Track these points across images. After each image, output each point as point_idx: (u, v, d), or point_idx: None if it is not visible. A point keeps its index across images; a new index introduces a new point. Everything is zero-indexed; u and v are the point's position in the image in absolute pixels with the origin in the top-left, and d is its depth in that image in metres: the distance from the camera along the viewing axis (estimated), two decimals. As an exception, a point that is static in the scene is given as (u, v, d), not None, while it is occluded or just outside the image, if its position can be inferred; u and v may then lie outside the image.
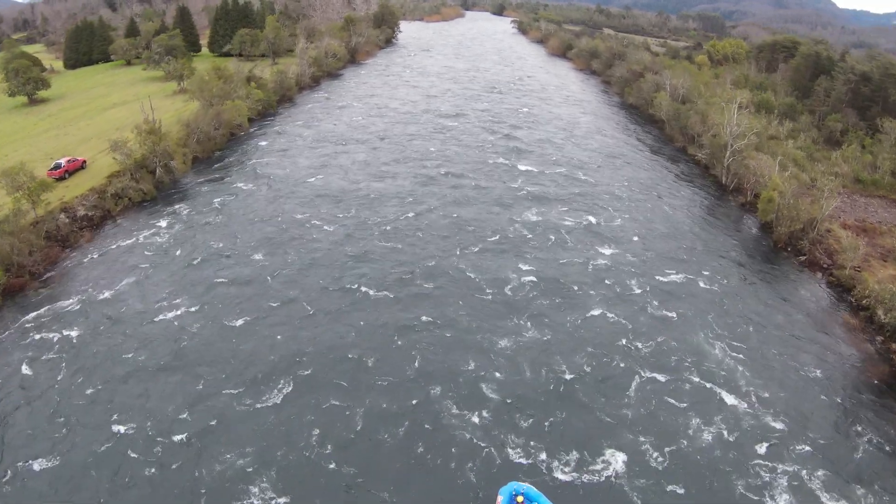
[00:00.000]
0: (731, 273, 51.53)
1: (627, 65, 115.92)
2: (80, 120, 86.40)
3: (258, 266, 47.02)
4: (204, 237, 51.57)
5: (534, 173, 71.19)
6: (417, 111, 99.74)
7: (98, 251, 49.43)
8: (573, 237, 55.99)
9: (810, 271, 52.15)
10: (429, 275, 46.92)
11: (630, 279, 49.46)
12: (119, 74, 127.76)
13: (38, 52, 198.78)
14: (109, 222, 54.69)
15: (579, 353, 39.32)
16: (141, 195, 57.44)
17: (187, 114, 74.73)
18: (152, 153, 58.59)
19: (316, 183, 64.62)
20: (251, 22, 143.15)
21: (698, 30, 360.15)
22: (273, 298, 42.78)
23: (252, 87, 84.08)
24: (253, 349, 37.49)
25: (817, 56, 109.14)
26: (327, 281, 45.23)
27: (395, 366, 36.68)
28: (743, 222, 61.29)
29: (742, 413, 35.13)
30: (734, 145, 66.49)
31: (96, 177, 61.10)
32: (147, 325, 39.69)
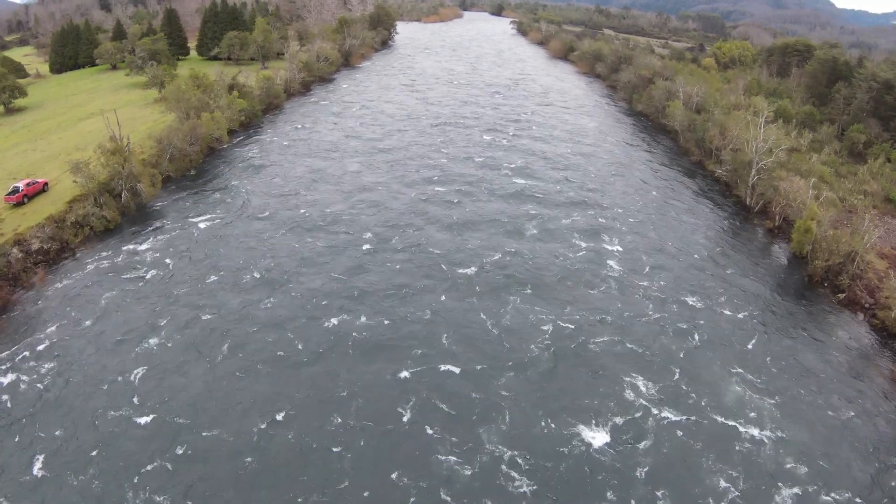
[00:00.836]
0: (758, 307, 46.06)
1: (635, 69, 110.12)
2: (52, 132, 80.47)
3: (230, 312, 41.16)
4: (170, 276, 45.59)
5: (540, 189, 65.63)
6: (414, 119, 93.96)
7: (53, 292, 43.46)
8: (582, 258, 50.97)
9: (850, 311, 46.47)
10: (424, 310, 41.26)
11: (645, 306, 44.67)
12: (102, 80, 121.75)
13: (29, 54, 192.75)
14: (68, 255, 48.71)
15: (588, 395, 34.95)
16: (104, 223, 51.51)
17: (161, 128, 68.69)
18: (117, 175, 52.56)
19: (299, 206, 58.74)
20: (241, 24, 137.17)
21: (698, 30, 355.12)
22: (249, 353, 36.98)
23: (234, 97, 78.05)
24: (222, 413, 31.71)
25: (834, 61, 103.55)
26: (309, 336, 39.40)
27: (379, 417, 31.02)
28: (771, 250, 55.52)
29: (765, 459, 31.56)
30: (760, 162, 60.71)
31: (58, 201, 55.13)
32: (100, 389, 33.84)
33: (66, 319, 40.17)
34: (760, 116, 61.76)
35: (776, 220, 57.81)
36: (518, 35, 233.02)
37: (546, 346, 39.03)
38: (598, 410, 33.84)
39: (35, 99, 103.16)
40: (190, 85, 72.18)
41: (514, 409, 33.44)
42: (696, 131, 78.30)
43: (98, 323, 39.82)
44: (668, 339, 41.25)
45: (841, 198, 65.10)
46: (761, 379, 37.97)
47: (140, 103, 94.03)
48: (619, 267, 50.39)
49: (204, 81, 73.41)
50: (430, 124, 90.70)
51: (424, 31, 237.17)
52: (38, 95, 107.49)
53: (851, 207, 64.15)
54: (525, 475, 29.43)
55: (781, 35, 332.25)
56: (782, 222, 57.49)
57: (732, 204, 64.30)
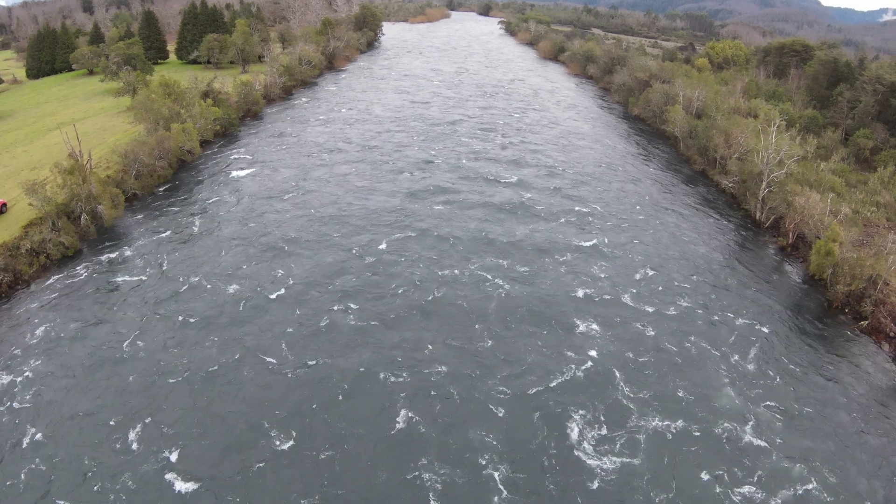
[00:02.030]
0: (773, 335, 42.44)
1: (630, 71, 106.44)
2: (18, 145, 75.34)
3: (199, 357, 36.65)
4: (132, 314, 40.85)
5: (533, 201, 61.80)
6: (399, 123, 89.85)
7: (3, 337, 38.63)
8: (580, 273, 46.84)
9: (874, 340, 42.83)
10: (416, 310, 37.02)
11: (648, 331, 41.09)
12: (77, 86, 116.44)
13: (8, 58, 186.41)
14: (21, 288, 43.92)
15: (588, 414, 31.59)
16: (62, 250, 46.75)
17: (128, 140, 63.95)
18: (75, 197, 47.88)
19: (276, 223, 54.31)
20: (221, 26, 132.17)
21: (687, 29, 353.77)
22: (215, 414, 32.52)
23: (208, 105, 73.26)
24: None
25: (835, 63, 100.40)
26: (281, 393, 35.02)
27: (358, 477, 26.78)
28: (785, 271, 51.74)
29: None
30: (771, 174, 56.99)
31: (13, 225, 50.30)
32: (57, 439, 29.32)
33: (15, 367, 35.49)
34: (772, 125, 57.90)
35: (790, 237, 54.04)
36: (506, 35, 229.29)
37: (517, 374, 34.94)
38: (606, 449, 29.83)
39: (6, 108, 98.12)
40: (160, 93, 67.34)
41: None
42: (698, 138, 74.58)
43: (53, 369, 35.20)
44: (673, 366, 38.00)
45: (854, 210, 61.77)
46: (777, 409, 35.04)
47: (112, 111, 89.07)
48: (616, 287, 46.60)
49: (175, 89, 68.56)
50: (416, 132, 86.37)
51: (411, 31, 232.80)
52: (10, 104, 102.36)
53: (866, 221, 60.76)
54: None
55: (770, 34, 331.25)
56: (796, 240, 53.76)
57: (741, 218, 60.56)
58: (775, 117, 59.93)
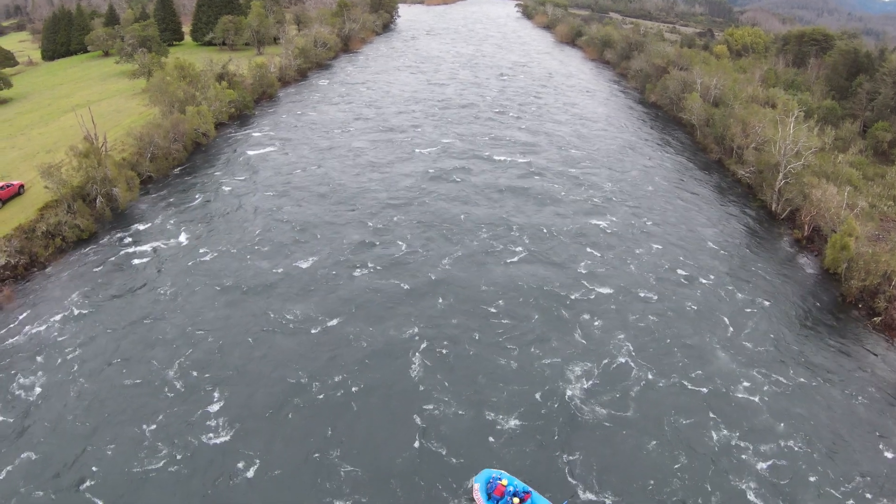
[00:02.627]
0: (785, 328, 42.37)
1: (648, 57, 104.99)
2: (33, 127, 76.15)
3: (208, 351, 37.09)
4: (148, 301, 41.32)
5: (546, 182, 62.86)
6: (415, 104, 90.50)
7: (19, 318, 39.25)
8: (595, 261, 47.80)
9: (887, 336, 42.42)
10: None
11: (658, 321, 41.47)
12: (92, 67, 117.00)
13: (24, 40, 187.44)
14: (37, 271, 44.64)
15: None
16: (77, 233, 47.38)
17: (143, 122, 64.37)
18: (91, 180, 48.35)
19: (292, 205, 54.74)
20: (236, 8, 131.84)
21: (705, 14, 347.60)
22: (247, 371, 33.06)
23: (223, 87, 73.37)
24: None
25: (855, 53, 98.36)
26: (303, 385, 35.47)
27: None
28: (799, 263, 51.28)
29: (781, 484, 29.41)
30: (788, 166, 56.28)
31: (30, 207, 51.05)
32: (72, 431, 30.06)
33: (36, 350, 36.17)
34: (791, 116, 57.03)
35: (805, 229, 53.47)
36: (523, 18, 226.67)
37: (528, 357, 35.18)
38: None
39: (21, 89, 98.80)
40: (175, 76, 67.53)
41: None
42: (715, 127, 73.67)
43: (70, 355, 35.87)
44: (681, 355, 38.46)
45: (871, 204, 60.92)
46: (786, 405, 35.16)
47: (127, 93, 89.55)
48: (631, 274, 46.96)
49: (190, 72, 68.68)
50: (432, 114, 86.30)
51: (427, 14, 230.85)
52: (26, 86, 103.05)
53: (883, 215, 59.93)
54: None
55: (790, 21, 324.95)
56: (812, 233, 53.19)
57: (756, 209, 59.94)
58: (794, 107, 58.83)
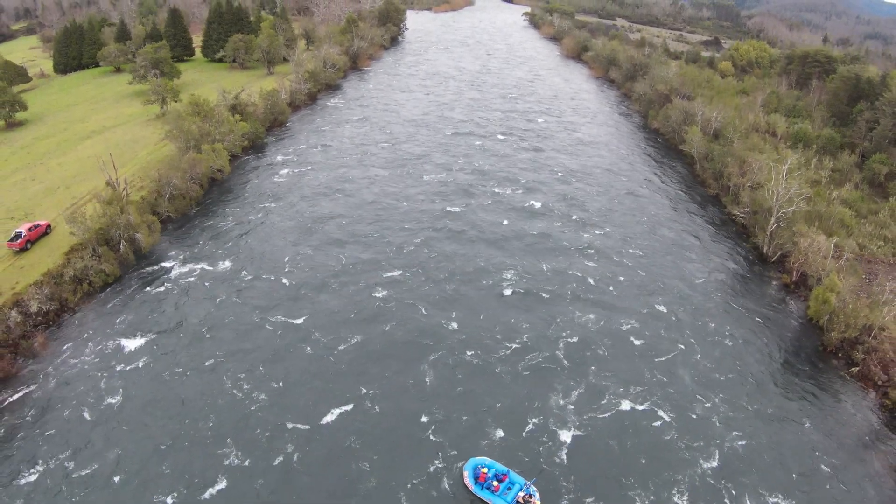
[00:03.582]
0: (765, 371, 45.31)
1: (652, 82, 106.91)
2: (51, 155, 78.73)
3: (238, 393, 39.85)
4: (176, 343, 44.37)
5: (545, 209, 68.86)
6: (423, 128, 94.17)
7: (54, 364, 42.28)
8: (581, 296, 52.20)
9: (863, 386, 45.03)
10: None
11: (643, 356, 45.45)
12: (106, 85, 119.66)
13: (34, 47, 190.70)
14: (67, 315, 47.48)
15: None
16: (103, 278, 50.12)
17: (160, 156, 67.05)
18: (114, 226, 51.04)
19: (309, 245, 57.81)
20: (246, 26, 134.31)
21: (713, 18, 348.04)
22: (260, 445, 35.78)
23: (236, 120, 75.89)
24: None
25: (857, 79, 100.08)
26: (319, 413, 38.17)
27: None
28: (785, 308, 53.63)
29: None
30: (780, 210, 58.50)
31: (56, 250, 53.68)
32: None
33: (72, 401, 39.06)
34: (784, 164, 59.28)
35: (793, 275, 55.74)
36: (530, 28, 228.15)
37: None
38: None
39: (36, 109, 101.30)
40: (189, 111, 70.09)
41: None
42: (713, 162, 75.74)
43: (106, 405, 38.76)
44: (664, 395, 42.06)
45: (861, 244, 62.95)
46: (756, 447, 38.26)
47: (141, 119, 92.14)
48: (617, 309, 50.86)
49: (204, 108, 71.17)
50: (439, 139, 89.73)
51: (435, 21, 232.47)
52: (40, 105, 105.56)
53: (872, 257, 61.99)
54: None
55: (798, 27, 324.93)
56: (800, 278, 55.42)
57: (748, 250, 62.18)
58: (788, 156, 61.05)
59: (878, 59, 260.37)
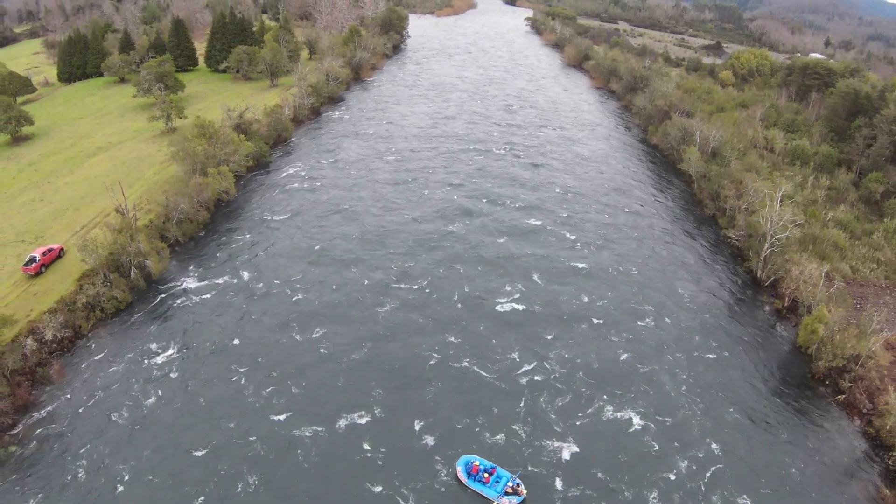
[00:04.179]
0: (753, 395, 47.00)
1: (651, 96, 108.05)
2: (59, 173, 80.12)
3: (265, 422, 41.41)
4: (189, 367, 46.24)
5: (543, 225, 71.50)
6: (426, 142, 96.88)
7: (71, 390, 43.97)
8: (575, 313, 54.85)
9: (848, 414, 46.43)
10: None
11: (632, 370, 48.13)
12: (110, 97, 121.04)
13: (38, 52, 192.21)
14: (81, 342, 49.05)
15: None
16: (115, 304, 51.63)
17: (167, 176, 68.54)
18: (125, 253, 52.50)
19: (312, 273, 59.09)
20: (249, 37, 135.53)
21: (715, 20, 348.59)
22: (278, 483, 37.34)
23: (241, 140, 77.23)
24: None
25: (855, 94, 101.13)
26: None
27: None
28: (776, 333, 55.00)
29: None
30: (774, 236, 59.78)
31: (69, 276, 55.06)
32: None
33: (89, 427, 40.75)
34: (778, 192, 60.62)
35: (785, 300, 57.06)
36: (532, 33, 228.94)
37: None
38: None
39: (42, 123, 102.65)
40: (195, 133, 71.46)
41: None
42: (710, 183, 76.97)
43: (121, 430, 40.43)
44: (649, 411, 44.52)
45: (853, 267, 64.15)
46: (740, 471, 40.11)
47: (147, 135, 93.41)
48: (608, 326, 53.49)
49: (210, 129, 72.47)
50: (441, 154, 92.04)
51: (437, 27, 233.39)
52: (45, 118, 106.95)
53: (864, 280, 63.19)
54: None
55: (799, 30, 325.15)
56: (791, 304, 56.69)
57: (743, 274, 63.46)
58: (782, 184, 62.37)
59: (881, 63, 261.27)
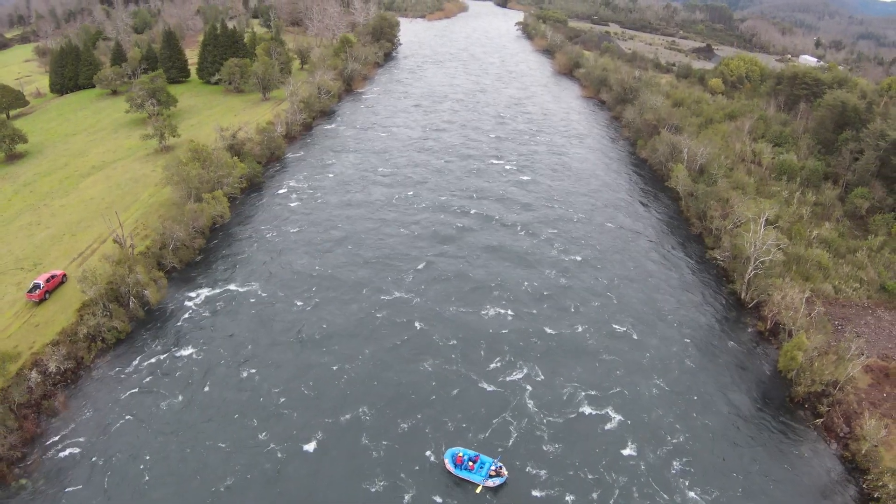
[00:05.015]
0: (732, 416, 48.54)
1: (641, 110, 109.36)
2: (54, 195, 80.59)
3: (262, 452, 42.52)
4: (191, 395, 47.43)
5: (531, 243, 73.28)
6: (420, 157, 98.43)
7: (77, 423, 44.96)
8: (559, 331, 56.81)
9: (825, 437, 47.90)
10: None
11: (614, 397, 49.32)
12: (103, 111, 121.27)
13: (29, 59, 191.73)
14: (83, 373, 49.98)
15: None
16: (115, 334, 52.53)
17: (162, 199, 69.37)
18: (123, 285, 53.38)
19: (313, 293, 60.73)
20: (241, 48, 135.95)
21: (706, 21, 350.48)
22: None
23: (234, 162, 77.97)
24: None
25: (843, 107, 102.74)
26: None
27: None
28: (757, 355, 56.38)
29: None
30: (758, 259, 61.19)
31: (69, 306, 55.78)
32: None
33: (95, 458, 41.89)
34: (761, 216, 62.05)
35: (768, 322, 58.48)
36: (523, 38, 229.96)
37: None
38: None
39: (36, 140, 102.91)
40: (189, 157, 72.21)
41: None
42: (697, 202, 78.32)
43: (132, 463, 41.59)
44: (626, 428, 46.59)
45: (836, 287, 65.55)
46: (715, 491, 41.82)
47: (141, 153, 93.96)
48: (591, 345, 55.37)
49: (203, 153, 73.13)
50: (435, 166, 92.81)
51: (429, 31, 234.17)
52: (39, 133, 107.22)
53: (846, 300, 64.59)
54: None
55: (790, 31, 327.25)
56: (773, 326, 58.08)
57: (728, 296, 64.75)
58: (766, 208, 63.80)
59: (870, 65, 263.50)
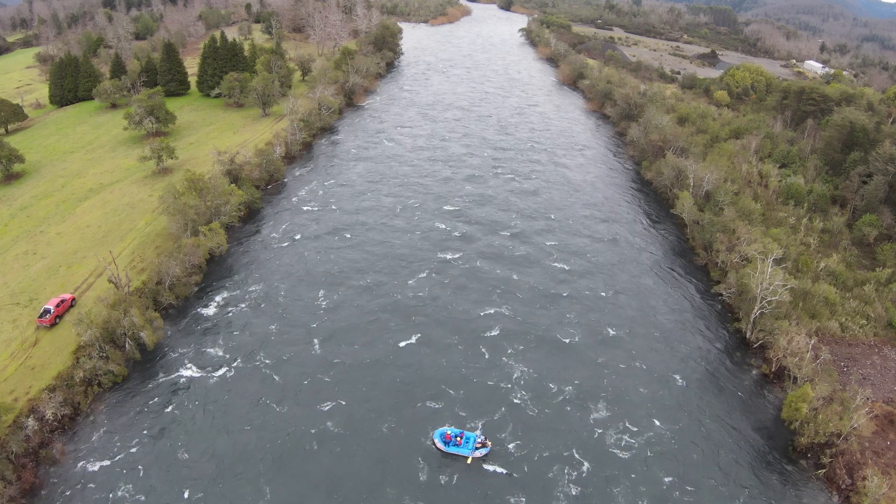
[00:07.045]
0: (734, 464, 47.64)
1: (646, 130, 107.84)
2: (51, 220, 79.57)
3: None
4: (186, 442, 46.79)
5: (530, 262, 74.38)
6: (427, 168, 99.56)
7: (74, 471, 44.26)
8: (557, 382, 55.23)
9: (828, 488, 47.03)
10: None
11: (616, 436, 49.37)
12: (102, 126, 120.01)
13: (31, 66, 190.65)
14: (81, 419, 49.09)
15: None
16: (112, 378, 51.62)
17: (157, 236, 68.31)
18: (119, 327, 52.38)
19: (317, 329, 60.13)
20: (241, 61, 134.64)
21: (710, 24, 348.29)
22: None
23: (233, 189, 76.71)
24: None
25: (851, 127, 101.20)
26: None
27: None
28: (761, 399, 55.31)
29: None
30: (764, 299, 59.84)
31: (65, 349, 54.90)
32: None
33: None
34: (769, 257, 60.69)
35: (773, 365, 57.23)
36: (527, 45, 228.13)
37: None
38: None
39: (33, 158, 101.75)
40: (185, 187, 71.03)
41: None
42: (703, 232, 76.84)
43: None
44: (627, 461, 47.22)
45: (843, 324, 64.14)
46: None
47: (138, 175, 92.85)
48: (587, 388, 54.59)
49: (200, 183, 71.77)
50: (441, 177, 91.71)
51: (432, 37, 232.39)
52: (37, 151, 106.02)
53: (853, 339, 63.17)
54: None
55: (794, 35, 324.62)
56: (778, 369, 56.83)
57: (732, 334, 63.49)
58: (774, 249, 62.44)
59: (875, 70, 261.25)
